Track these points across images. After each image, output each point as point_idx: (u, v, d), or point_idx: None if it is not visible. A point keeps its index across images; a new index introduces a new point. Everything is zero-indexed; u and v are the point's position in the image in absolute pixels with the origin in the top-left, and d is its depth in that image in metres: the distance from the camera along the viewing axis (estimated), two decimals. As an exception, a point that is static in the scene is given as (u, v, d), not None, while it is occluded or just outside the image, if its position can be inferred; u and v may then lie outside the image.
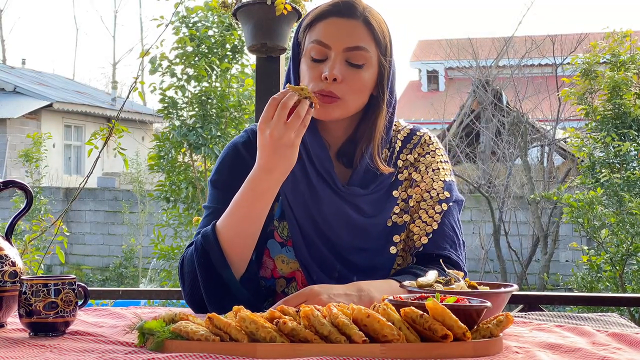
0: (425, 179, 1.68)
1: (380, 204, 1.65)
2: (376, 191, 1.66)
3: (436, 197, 1.67)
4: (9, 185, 1.55)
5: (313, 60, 1.60)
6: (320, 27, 1.60)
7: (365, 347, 1.12)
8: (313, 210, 1.63)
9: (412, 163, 1.70)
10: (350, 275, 1.60)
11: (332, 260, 1.62)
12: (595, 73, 7.01)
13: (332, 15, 1.61)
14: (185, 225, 7.68)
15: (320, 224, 1.63)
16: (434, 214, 1.65)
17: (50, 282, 1.37)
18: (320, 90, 1.57)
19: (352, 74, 1.58)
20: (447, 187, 1.69)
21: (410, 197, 1.67)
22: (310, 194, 1.64)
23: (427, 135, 1.75)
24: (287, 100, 1.46)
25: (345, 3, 1.62)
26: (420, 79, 22.08)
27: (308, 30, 1.63)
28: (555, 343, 1.28)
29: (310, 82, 1.59)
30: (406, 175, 1.69)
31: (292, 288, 1.67)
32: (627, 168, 6.82)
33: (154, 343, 1.20)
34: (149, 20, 30.93)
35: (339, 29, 1.59)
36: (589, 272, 6.24)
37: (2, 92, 17.07)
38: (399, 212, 1.67)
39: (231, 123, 7.64)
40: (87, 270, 12.80)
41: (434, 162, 1.71)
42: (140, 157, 13.55)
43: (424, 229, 1.64)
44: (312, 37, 1.61)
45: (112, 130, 3.86)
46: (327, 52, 1.59)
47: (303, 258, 1.63)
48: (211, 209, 1.68)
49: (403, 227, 1.66)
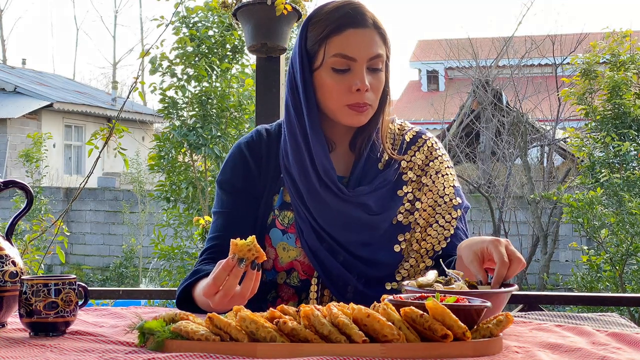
0: (437, 184, 1.74)
1: (385, 202, 1.69)
2: (380, 187, 1.69)
3: (450, 203, 1.73)
4: (9, 185, 1.55)
5: (336, 72, 1.64)
6: (341, 40, 1.63)
7: (365, 347, 1.12)
8: (315, 214, 1.66)
9: (419, 166, 1.74)
10: (356, 262, 1.66)
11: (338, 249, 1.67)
12: (595, 73, 7.02)
13: (349, 27, 1.64)
14: (186, 225, 7.68)
15: (322, 225, 1.67)
16: (450, 219, 1.72)
17: (51, 282, 1.37)
18: (356, 103, 1.63)
19: (375, 80, 1.66)
20: (457, 193, 1.76)
21: (419, 200, 1.71)
22: (310, 198, 1.67)
23: (433, 139, 1.80)
24: (232, 282, 1.42)
25: (356, 12, 1.65)
26: (420, 79, 22.09)
27: (326, 43, 1.64)
28: (555, 343, 1.28)
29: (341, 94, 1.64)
30: (411, 177, 1.73)
31: (293, 279, 1.70)
32: (627, 168, 6.83)
33: (154, 343, 1.21)
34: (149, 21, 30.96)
35: (360, 40, 1.64)
36: (588, 272, 6.24)
37: (3, 92, 17.07)
38: (404, 212, 1.70)
39: (231, 123, 7.65)
40: (88, 270, 12.80)
41: (442, 168, 1.76)
42: (141, 157, 13.56)
43: (442, 233, 1.71)
44: (332, 50, 1.63)
45: (113, 130, 3.86)
46: (351, 64, 1.63)
47: (311, 242, 1.67)
48: (218, 214, 1.74)
49: (408, 227, 1.70)
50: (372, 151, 1.71)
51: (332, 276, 1.65)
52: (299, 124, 1.66)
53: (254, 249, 1.38)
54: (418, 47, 22.66)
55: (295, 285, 1.70)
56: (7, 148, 15.73)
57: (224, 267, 1.39)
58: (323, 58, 1.64)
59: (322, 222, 1.66)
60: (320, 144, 1.66)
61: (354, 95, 1.63)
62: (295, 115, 1.67)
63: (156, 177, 9.31)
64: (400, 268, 1.68)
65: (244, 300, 1.41)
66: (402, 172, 1.72)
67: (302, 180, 1.66)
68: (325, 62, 1.64)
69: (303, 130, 1.66)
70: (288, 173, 1.69)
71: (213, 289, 1.40)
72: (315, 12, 1.69)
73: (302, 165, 1.66)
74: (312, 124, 1.65)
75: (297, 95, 1.67)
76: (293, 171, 1.67)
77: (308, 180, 1.66)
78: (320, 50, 1.65)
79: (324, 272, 1.66)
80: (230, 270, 1.38)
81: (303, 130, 1.66)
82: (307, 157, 1.66)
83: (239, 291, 1.40)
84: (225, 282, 1.39)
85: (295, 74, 1.68)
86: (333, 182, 1.66)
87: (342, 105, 1.64)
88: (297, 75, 1.67)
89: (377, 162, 1.71)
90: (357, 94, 1.63)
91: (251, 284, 1.41)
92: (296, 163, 1.67)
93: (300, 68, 1.67)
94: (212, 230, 1.74)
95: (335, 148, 1.72)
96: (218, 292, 1.40)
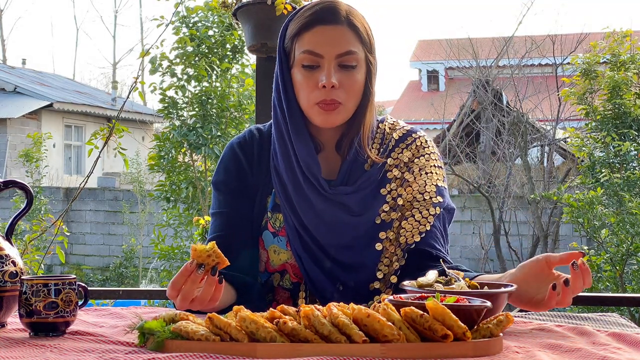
0: (418, 181, 1.70)
1: (367, 202, 1.67)
2: (363, 188, 1.67)
3: (429, 200, 1.69)
4: (9, 185, 1.55)
5: (305, 69, 1.63)
6: (309, 37, 1.63)
7: (365, 347, 1.12)
8: (300, 213, 1.66)
9: (405, 163, 1.72)
10: (339, 270, 1.65)
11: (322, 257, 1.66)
12: (595, 73, 7.01)
13: (318, 24, 1.64)
14: (186, 225, 7.69)
15: (307, 226, 1.66)
16: (427, 215, 1.68)
17: (51, 282, 1.37)
18: (322, 100, 1.61)
19: (347, 78, 1.63)
20: (439, 191, 1.72)
21: (400, 196, 1.69)
22: (297, 197, 1.66)
23: (423, 138, 1.77)
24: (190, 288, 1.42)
25: (327, 9, 1.65)
26: (420, 79, 22.08)
27: (296, 40, 1.65)
28: (555, 343, 1.28)
29: (309, 92, 1.62)
30: (396, 174, 1.71)
31: (286, 280, 1.70)
32: (627, 168, 6.82)
33: (154, 343, 1.21)
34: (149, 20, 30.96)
35: (327, 37, 1.63)
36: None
37: (3, 92, 17.07)
38: (388, 210, 1.68)
39: (231, 123, 7.65)
40: (88, 270, 12.80)
41: (428, 165, 1.73)
42: (141, 157, 13.56)
43: (417, 227, 1.67)
44: (301, 48, 1.64)
45: (113, 130, 3.86)
46: (319, 61, 1.63)
47: (297, 249, 1.66)
48: (216, 215, 1.74)
49: (390, 225, 1.67)
50: (357, 153, 1.69)
51: (316, 285, 1.65)
52: (283, 122, 1.67)
53: (214, 255, 1.38)
54: (418, 47, 22.65)
55: (288, 288, 1.70)
56: (7, 148, 15.73)
57: (182, 272, 1.39)
58: (294, 55, 1.65)
59: (307, 222, 1.65)
60: (303, 142, 1.65)
61: (321, 92, 1.61)
62: (281, 115, 1.68)
63: (156, 177, 9.32)
64: (380, 265, 1.66)
65: (203, 305, 1.42)
66: (387, 170, 1.70)
67: (289, 178, 1.66)
68: (297, 59, 1.64)
69: (287, 127, 1.66)
70: (277, 174, 1.69)
71: (173, 292, 1.41)
72: (296, 11, 1.70)
73: (289, 163, 1.66)
74: (294, 123, 1.65)
75: (278, 93, 1.68)
76: (280, 169, 1.68)
77: (294, 178, 1.66)
78: (292, 48, 1.66)
79: (309, 279, 1.66)
80: (188, 275, 1.38)
81: (287, 128, 1.66)
82: (293, 156, 1.66)
83: (198, 296, 1.41)
84: (184, 286, 1.39)
85: (277, 73, 1.69)
86: (316, 179, 1.65)
87: (312, 103, 1.63)
88: (278, 74, 1.69)
89: (364, 164, 1.69)
90: (324, 91, 1.61)
91: (211, 289, 1.41)
92: (283, 161, 1.67)
93: (279, 67, 1.68)
94: (211, 232, 1.74)
95: (323, 150, 1.71)
96: (178, 295, 1.41)
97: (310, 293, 1.67)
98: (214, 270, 1.39)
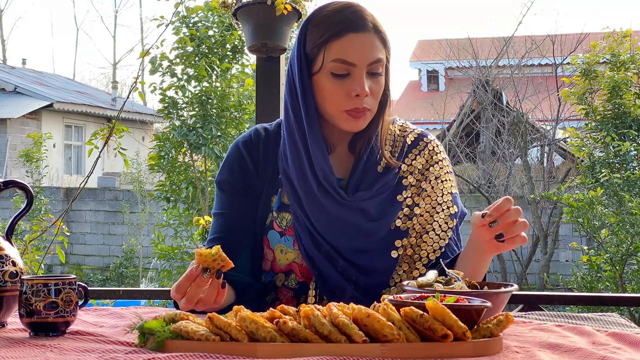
0: (436, 190, 1.72)
1: (385, 207, 1.67)
2: (381, 193, 1.67)
3: (447, 211, 1.72)
4: (9, 185, 1.55)
5: (336, 77, 1.61)
6: (340, 45, 1.61)
7: (365, 347, 1.12)
8: (312, 218, 1.65)
9: (419, 170, 1.73)
10: (353, 270, 1.64)
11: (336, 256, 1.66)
12: (595, 73, 7.01)
13: (349, 32, 1.61)
14: (186, 225, 7.68)
15: (320, 231, 1.65)
16: (446, 229, 1.71)
17: (51, 282, 1.37)
18: (354, 109, 1.61)
19: (375, 84, 1.63)
20: (454, 200, 1.74)
21: (417, 205, 1.70)
22: (309, 202, 1.65)
23: (434, 142, 1.77)
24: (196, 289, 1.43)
25: (356, 15, 1.62)
26: (420, 79, 22.10)
27: (325, 48, 1.62)
28: (555, 343, 1.28)
29: (339, 99, 1.61)
30: (412, 181, 1.71)
31: (291, 280, 1.69)
32: (627, 168, 6.83)
33: (154, 343, 1.21)
34: (149, 21, 30.94)
35: (360, 45, 1.61)
36: (589, 272, 6.24)
37: (3, 92, 17.07)
38: (403, 217, 1.68)
39: (231, 123, 7.65)
40: (88, 270, 12.80)
41: (443, 174, 1.74)
42: (141, 157, 13.56)
43: (438, 242, 1.69)
44: (332, 55, 1.61)
45: (113, 130, 3.86)
46: (351, 69, 1.61)
47: (309, 248, 1.65)
48: (218, 215, 1.73)
49: (406, 233, 1.68)
50: (371, 153, 1.69)
51: (329, 284, 1.64)
52: (297, 127, 1.64)
53: (219, 259, 1.39)
54: (418, 47, 22.65)
55: (293, 287, 1.69)
56: (7, 148, 15.73)
57: (186, 276, 1.40)
58: (322, 63, 1.62)
59: (320, 227, 1.64)
60: (319, 147, 1.64)
61: (353, 100, 1.60)
62: (294, 119, 1.65)
63: (156, 177, 9.31)
64: (394, 274, 1.67)
65: (207, 306, 1.44)
66: (402, 176, 1.70)
67: (300, 184, 1.65)
68: (325, 66, 1.62)
69: (302, 133, 1.64)
70: (286, 176, 1.67)
71: (177, 296, 1.43)
72: (315, 14, 1.66)
73: (301, 169, 1.64)
74: (311, 128, 1.63)
75: (295, 98, 1.65)
76: (291, 175, 1.66)
77: (307, 184, 1.64)
78: (319, 55, 1.62)
79: (321, 278, 1.65)
80: (193, 280, 1.40)
81: (302, 134, 1.64)
82: (306, 161, 1.64)
83: (202, 298, 1.42)
84: (189, 290, 1.41)
85: (294, 77, 1.66)
86: (332, 187, 1.64)
87: (340, 110, 1.62)
88: (296, 78, 1.65)
89: (377, 165, 1.69)
90: (356, 100, 1.60)
91: (215, 292, 1.42)
92: (295, 166, 1.65)
93: (299, 71, 1.64)
94: (212, 232, 1.73)
95: (334, 150, 1.71)
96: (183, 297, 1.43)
97: (319, 291, 1.66)
98: (219, 273, 1.40)
